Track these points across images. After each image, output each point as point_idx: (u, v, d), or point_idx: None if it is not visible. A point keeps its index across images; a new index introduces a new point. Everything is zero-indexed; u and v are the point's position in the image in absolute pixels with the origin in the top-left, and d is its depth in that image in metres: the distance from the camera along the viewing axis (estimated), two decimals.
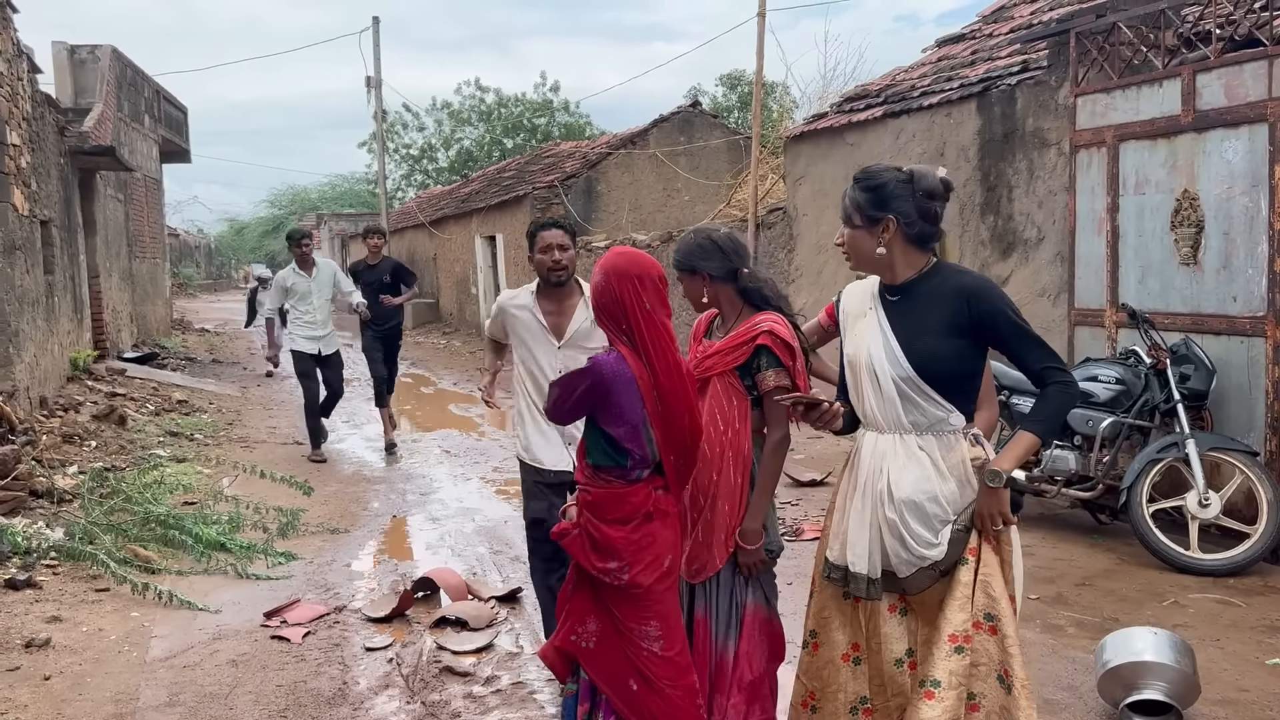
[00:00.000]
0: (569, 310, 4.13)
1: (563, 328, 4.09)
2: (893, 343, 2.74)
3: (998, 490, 2.69)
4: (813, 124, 9.80)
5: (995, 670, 2.75)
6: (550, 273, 4.05)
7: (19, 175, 9.05)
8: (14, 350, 8.54)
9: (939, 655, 2.72)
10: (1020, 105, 7.34)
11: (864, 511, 2.80)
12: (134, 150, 18.10)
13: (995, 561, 2.78)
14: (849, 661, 2.92)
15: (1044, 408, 2.73)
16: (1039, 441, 2.74)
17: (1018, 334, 2.72)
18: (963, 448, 2.75)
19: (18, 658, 4.61)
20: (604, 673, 3.01)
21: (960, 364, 2.72)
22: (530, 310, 4.13)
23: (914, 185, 2.76)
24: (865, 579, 2.79)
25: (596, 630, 3.02)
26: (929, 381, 2.70)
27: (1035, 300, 7.28)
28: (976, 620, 2.75)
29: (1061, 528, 6.43)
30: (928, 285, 2.77)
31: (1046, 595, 5.21)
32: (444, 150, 39.88)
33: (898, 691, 2.87)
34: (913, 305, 2.76)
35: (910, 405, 2.73)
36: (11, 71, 9.07)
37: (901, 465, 2.74)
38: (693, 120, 17.92)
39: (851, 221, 2.80)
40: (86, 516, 6.52)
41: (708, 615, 3.21)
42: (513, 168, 22.49)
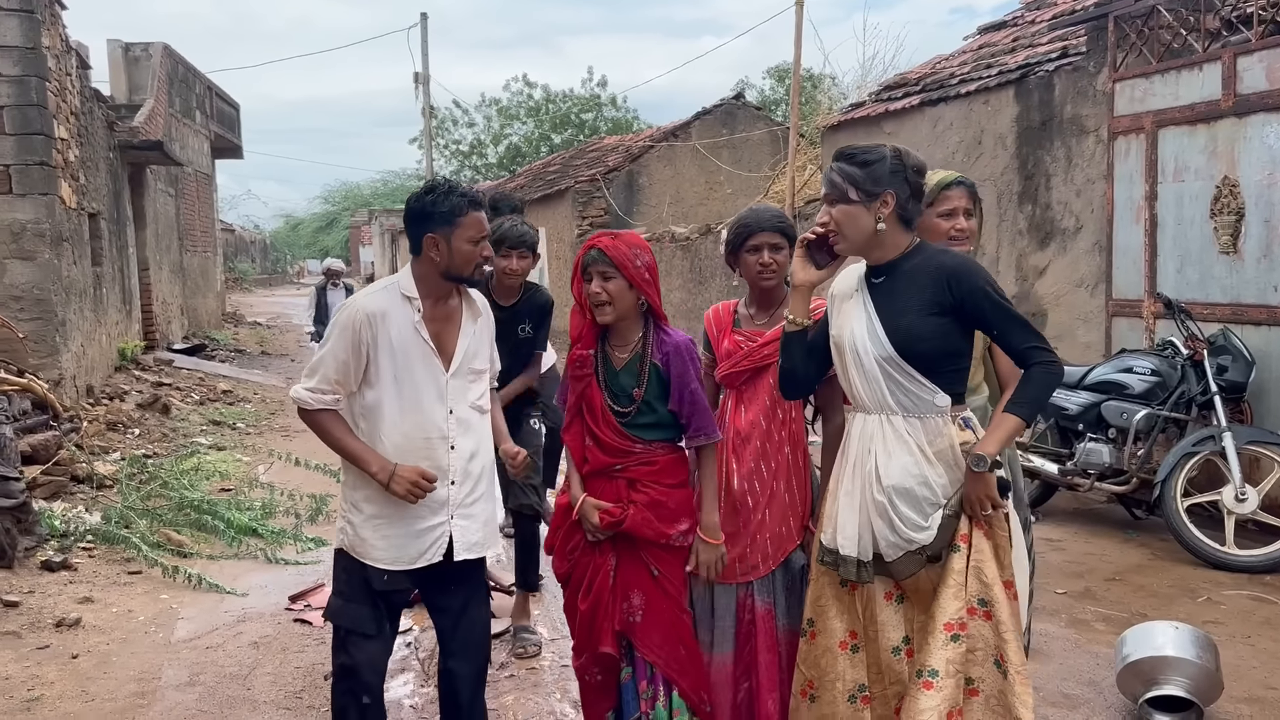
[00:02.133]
0: (453, 319, 3.07)
1: (447, 344, 3.02)
2: (875, 323, 2.71)
3: (983, 475, 2.64)
4: (850, 114, 9.71)
5: (992, 655, 2.71)
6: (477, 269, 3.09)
7: (67, 168, 9.25)
8: (60, 339, 8.73)
9: (935, 644, 2.67)
10: (1058, 92, 7.20)
11: (853, 494, 2.76)
12: (185, 145, 18.43)
13: (987, 547, 2.73)
14: (847, 650, 2.88)
15: (1027, 389, 2.67)
16: (1023, 424, 2.68)
17: (1000, 313, 2.67)
18: (951, 431, 2.70)
19: (48, 636, 4.71)
20: (656, 642, 3.03)
21: (943, 343, 2.67)
22: (413, 327, 2.96)
23: (904, 161, 2.72)
24: (855, 562, 2.75)
25: (642, 603, 3.05)
26: (910, 361, 2.66)
27: (1073, 291, 7.15)
28: (971, 606, 2.70)
29: (1096, 522, 6.31)
30: (910, 265, 2.73)
31: (1074, 590, 5.12)
32: (493, 146, 40.09)
33: (895, 679, 2.83)
34: (896, 285, 2.72)
35: (894, 386, 2.69)
36: (60, 67, 9.26)
37: (889, 449, 2.70)
38: (735, 113, 17.83)
39: (846, 197, 2.69)
40: (123, 501, 6.65)
41: (773, 606, 3.12)
42: (557, 162, 22.57)
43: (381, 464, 2.90)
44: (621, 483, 3.04)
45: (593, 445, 3.07)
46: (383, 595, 3.01)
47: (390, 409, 2.94)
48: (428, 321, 2.98)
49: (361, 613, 3.00)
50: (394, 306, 2.95)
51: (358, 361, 2.91)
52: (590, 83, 38.94)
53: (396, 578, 2.99)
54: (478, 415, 3.08)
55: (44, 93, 8.53)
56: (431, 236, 2.92)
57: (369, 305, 2.94)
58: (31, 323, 8.47)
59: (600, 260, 2.95)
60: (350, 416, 2.98)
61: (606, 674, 3.11)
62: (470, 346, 3.06)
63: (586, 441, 3.09)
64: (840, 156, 2.75)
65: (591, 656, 3.11)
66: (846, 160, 2.72)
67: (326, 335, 2.99)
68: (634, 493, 3.02)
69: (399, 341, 2.93)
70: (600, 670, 3.11)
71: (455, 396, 3.01)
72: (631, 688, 3.09)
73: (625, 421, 3.02)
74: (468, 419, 3.04)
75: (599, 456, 3.06)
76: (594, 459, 3.07)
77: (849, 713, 2.88)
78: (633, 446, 3.02)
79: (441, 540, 3.00)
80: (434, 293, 3.00)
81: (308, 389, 2.91)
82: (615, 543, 3.06)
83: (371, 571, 2.98)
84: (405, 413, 2.95)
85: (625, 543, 3.05)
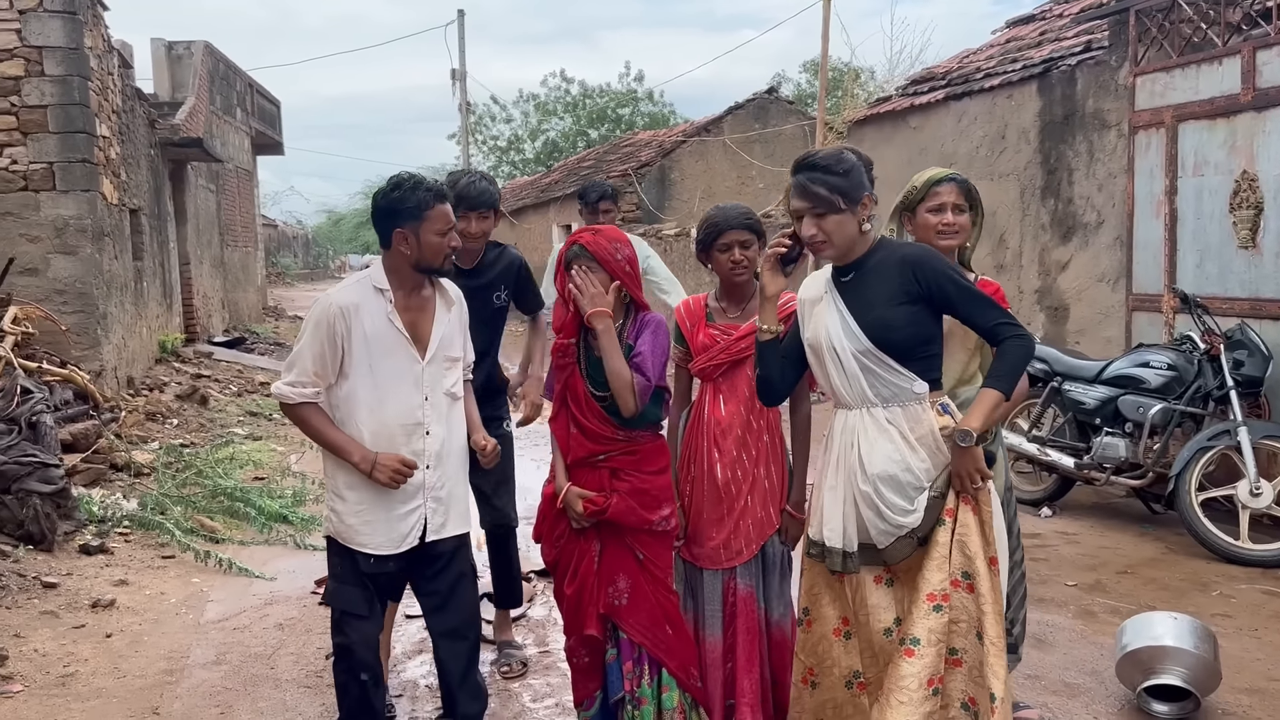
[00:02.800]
0: (427, 308, 3.16)
1: (422, 333, 3.12)
2: (849, 319, 2.79)
3: (970, 449, 2.71)
4: (875, 108, 9.73)
5: (974, 627, 2.79)
6: (446, 260, 3.15)
7: (108, 165, 9.50)
8: (102, 332, 8.98)
9: (918, 614, 2.76)
10: (1080, 86, 7.20)
11: (837, 487, 2.85)
12: (225, 142, 18.77)
13: (972, 521, 2.81)
14: (840, 636, 2.97)
15: (1003, 363, 2.74)
16: (1003, 397, 2.74)
17: (965, 295, 2.76)
18: (930, 417, 2.78)
19: (84, 616, 4.91)
20: (641, 624, 3.15)
21: (915, 330, 2.76)
22: (386, 318, 3.05)
23: (865, 163, 2.83)
24: (840, 553, 2.84)
25: (627, 586, 3.16)
26: (886, 351, 2.75)
27: (1094, 285, 7.15)
28: (954, 578, 2.78)
29: (1112, 516, 6.32)
30: (875, 260, 2.82)
31: (1085, 582, 5.15)
32: (530, 142, 40.30)
33: (889, 660, 2.91)
34: (864, 281, 2.81)
35: (873, 378, 2.78)
36: (102, 67, 9.52)
37: (872, 440, 2.78)
38: (768, 107, 17.84)
39: (835, 207, 2.75)
40: (159, 489, 6.87)
41: (754, 590, 3.25)
42: (592, 157, 22.69)
43: (363, 454, 3.02)
44: (605, 472, 3.15)
45: (577, 433, 3.18)
46: (371, 577, 3.15)
47: (366, 397, 3.05)
48: (401, 312, 3.08)
49: (354, 595, 3.15)
50: (366, 299, 3.05)
51: (334, 353, 3.02)
52: (627, 77, 39.05)
53: (382, 561, 3.13)
54: (451, 402, 3.20)
55: (86, 92, 8.78)
56: (400, 231, 3.03)
57: (341, 299, 3.04)
58: (74, 315, 8.73)
59: (582, 255, 3.10)
60: (328, 407, 3.09)
61: (593, 654, 3.24)
62: (445, 334, 3.16)
63: (571, 429, 3.19)
64: (812, 167, 2.77)
65: (579, 638, 3.24)
66: (824, 172, 2.76)
67: (302, 330, 3.10)
68: (617, 481, 3.14)
69: (373, 332, 3.03)
70: (588, 652, 3.25)
71: (430, 384, 3.12)
72: (616, 668, 3.21)
73: (607, 406, 3.12)
74: (441, 406, 3.16)
75: (583, 444, 3.16)
76: (578, 446, 3.17)
77: (847, 698, 2.97)
78: (616, 434, 3.13)
79: (417, 525, 3.13)
80: (406, 284, 3.10)
81: (288, 384, 3.04)
82: (600, 529, 3.18)
83: (359, 555, 3.12)
84: (381, 401, 3.06)
85: (610, 529, 3.17)
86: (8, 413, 6.07)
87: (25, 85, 8.59)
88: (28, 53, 8.57)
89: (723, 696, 3.24)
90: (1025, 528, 6.13)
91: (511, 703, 3.98)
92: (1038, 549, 5.70)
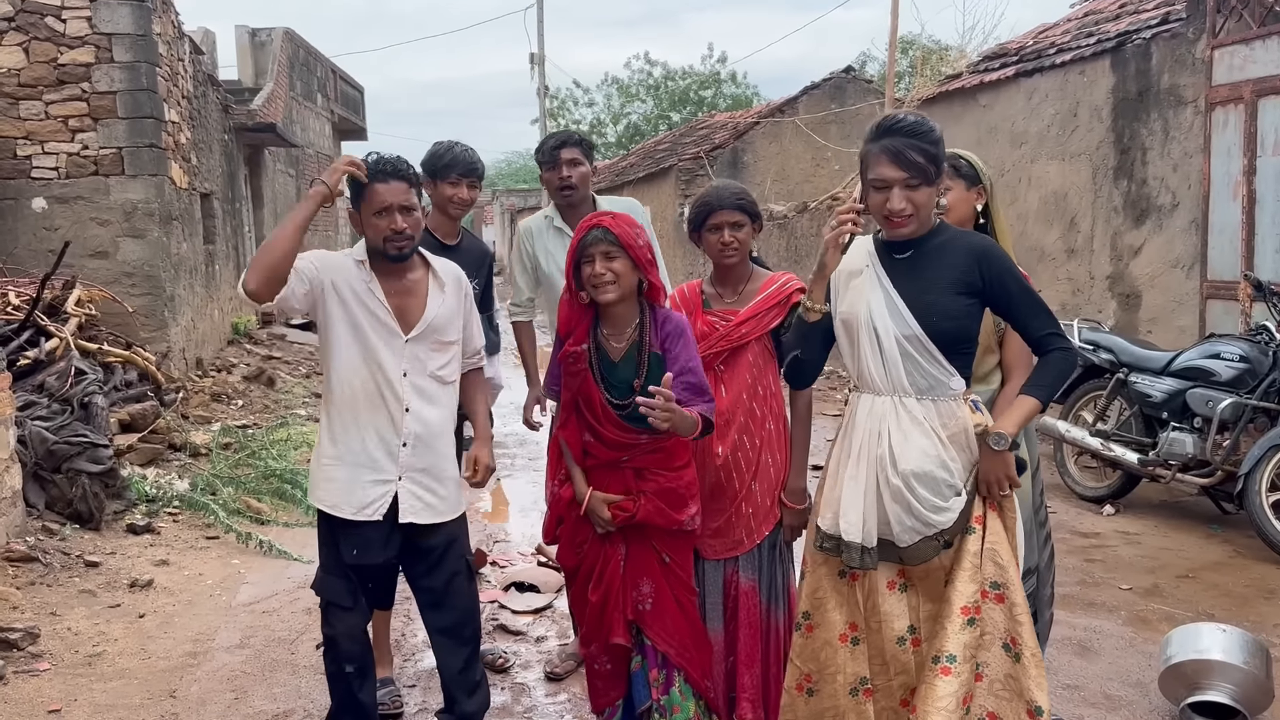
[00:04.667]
0: (417, 290, 3.07)
1: (411, 314, 3.04)
2: (896, 300, 2.61)
3: (1003, 454, 2.56)
4: (944, 85, 9.40)
5: (1001, 639, 2.62)
6: (388, 243, 2.97)
7: (178, 150, 9.69)
8: (169, 314, 9.18)
9: (952, 629, 2.59)
10: (1156, 60, 6.81)
11: (859, 477, 2.68)
12: (305, 128, 19.08)
13: (1000, 528, 2.64)
14: (847, 642, 2.81)
15: (1045, 373, 2.60)
16: (1040, 406, 2.61)
17: (1027, 299, 2.60)
18: (964, 414, 2.61)
19: (121, 596, 4.98)
20: (666, 630, 3.01)
21: (965, 324, 2.59)
22: (367, 287, 3.00)
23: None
24: (859, 548, 2.67)
25: (652, 591, 3.02)
26: (934, 340, 2.57)
27: (1168, 272, 6.78)
28: (984, 589, 2.62)
29: (1179, 515, 5.99)
30: (937, 241, 2.63)
31: (1141, 586, 4.87)
32: (612, 125, 40.26)
33: (901, 670, 2.75)
34: (921, 262, 2.62)
35: (913, 365, 2.60)
36: (172, 53, 9.70)
37: (904, 431, 2.61)
38: (845, 86, 17.42)
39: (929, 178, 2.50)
40: (211, 469, 6.97)
41: (758, 583, 3.13)
42: (667, 140, 22.50)
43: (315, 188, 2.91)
44: (629, 472, 2.97)
45: (594, 441, 2.98)
46: (354, 569, 3.07)
47: (349, 355, 2.99)
48: (389, 293, 3.01)
49: (337, 585, 3.09)
50: (348, 266, 3.02)
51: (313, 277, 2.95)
52: (710, 59, 38.71)
53: (366, 551, 3.04)
54: (438, 386, 3.10)
55: (154, 78, 8.95)
56: (351, 211, 2.99)
57: (331, 256, 3.05)
58: (142, 298, 8.93)
59: (604, 239, 2.83)
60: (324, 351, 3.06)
61: (617, 663, 3.09)
62: (438, 316, 3.05)
63: (586, 437, 3.00)
64: (908, 132, 2.51)
65: (601, 646, 3.08)
66: (921, 138, 2.51)
67: None
68: (642, 482, 2.95)
69: (348, 294, 2.98)
70: (610, 659, 3.09)
71: (412, 362, 3.02)
72: (642, 676, 3.05)
73: (626, 414, 2.90)
74: (425, 387, 3.06)
75: (603, 452, 2.97)
76: (598, 454, 2.98)
77: (851, 705, 2.81)
78: (638, 438, 2.93)
79: (383, 499, 3.03)
80: (381, 264, 3.02)
81: None
82: (625, 532, 3.00)
83: (342, 545, 3.04)
84: (360, 364, 2.99)
85: (635, 531, 2.99)
86: (61, 393, 6.21)
87: (95, 72, 8.80)
88: (98, 40, 8.77)
89: (724, 690, 3.13)
90: (1085, 526, 5.88)
91: (523, 697, 3.91)
92: (1094, 549, 5.42)
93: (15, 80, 8.72)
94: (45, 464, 5.76)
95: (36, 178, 8.84)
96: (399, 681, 3.98)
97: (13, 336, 6.57)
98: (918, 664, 2.72)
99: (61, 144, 8.85)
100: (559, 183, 3.92)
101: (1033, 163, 8.09)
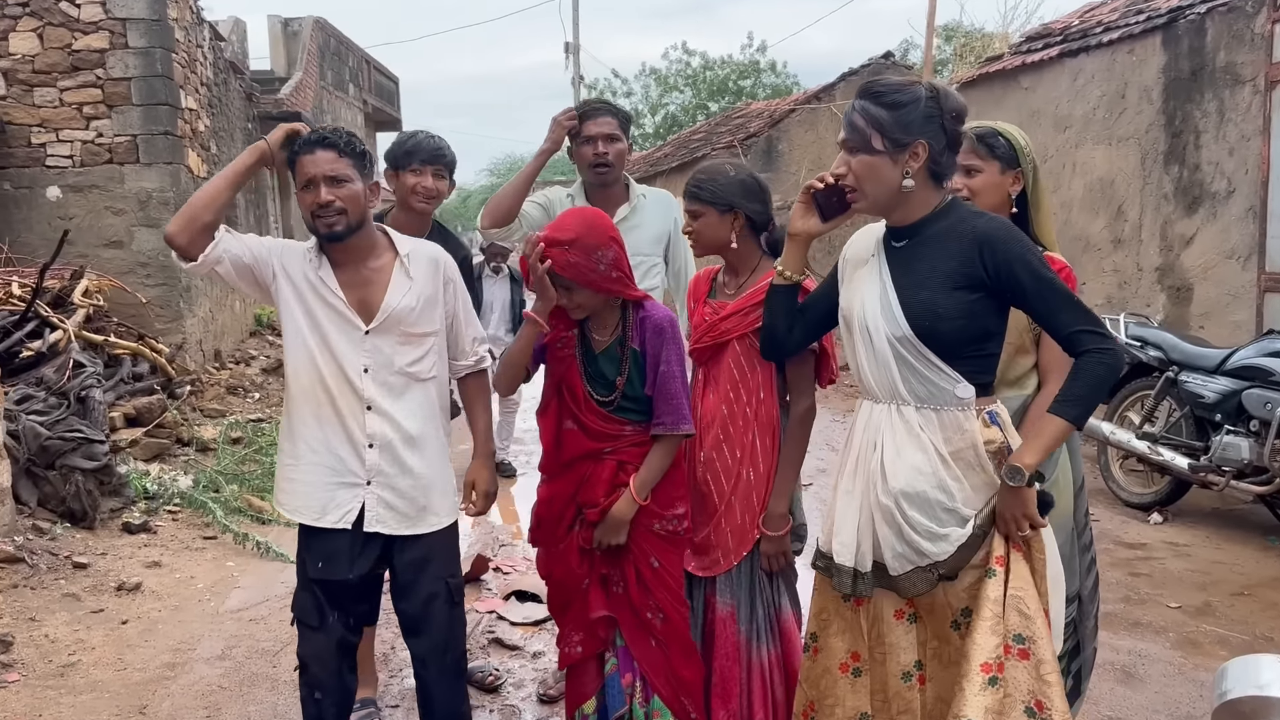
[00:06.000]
0: (378, 278, 2.77)
1: (372, 303, 2.74)
2: (890, 295, 2.27)
3: (1020, 490, 2.19)
4: (984, 68, 8.98)
5: (1024, 701, 2.26)
6: (317, 219, 2.66)
7: (195, 138, 9.50)
8: (185, 304, 9.00)
9: (972, 689, 2.23)
10: (1210, 37, 6.37)
11: (853, 493, 2.36)
12: (336, 117, 18.93)
13: (1026, 572, 2.28)
14: (848, 672, 2.49)
15: (1075, 385, 2.18)
16: (1070, 428, 2.20)
17: (1043, 288, 2.18)
18: (974, 428, 2.25)
19: (106, 600, 4.76)
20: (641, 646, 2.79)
21: (969, 323, 2.21)
22: (317, 274, 2.72)
23: (941, 104, 2.25)
24: (851, 572, 2.35)
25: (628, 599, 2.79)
26: (928, 342, 2.22)
27: (1223, 263, 6.34)
28: (1006, 643, 2.26)
29: (1234, 526, 5.59)
30: (938, 228, 2.27)
31: (1191, 605, 4.49)
32: (650, 116, 39.90)
33: (904, 709, 2.43)
34: (918, 252, 2.27)
35: (908, 370, 2.25)
36: (190, 39, 9.51)
37: (898, 445, 2.27)
38: (883, 73, 16.87)
39: (869, 145, 2.22)
40: (216, 465, 6.76)
41: (735, 611, 2.84)
42: (703, 130, 22.13)
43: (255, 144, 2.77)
44: (611, 464, 2.75)
45: (575, 429, 2.77)
46: (319, 583, 2.78)
47: (304, 345, 2.73)
48: (347, 281, 2.73)
49: (305, 602, 2.81)
50: (300, 252, 2.77)
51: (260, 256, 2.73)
52: (749, 48, 38.20)
53: (331, 564, 2.75)
54: (411, 383, 2.79)
55: (170, 64, 8.76)
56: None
57: (290, 242, 2.82)
58: (157, 289, 8.76)
59: (559, 283, 2.65)
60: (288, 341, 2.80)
61: (587, 644, 2.83)
62: (401, 305, 2.75)
63: (568, 425, 2.78)
64: (865, 94, 2.25)
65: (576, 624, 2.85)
66: (873, 99, 2.23)
67: None
68: (624, 475, 2.73)
69: (301, 282, 2.73)
70: (583, 641, 2.83)
71: (374, 355, 2.73)
72: (615, 681, 2.83)
73: (610, 409, 2.74)
74: (391, 384, 2.76)
75: (583, 441, 2.76)
76: (575, 444, 2.77)
77: None
78: (622, 429, 2.74)
79: (350, 505, 2.74)
80: (339, 248, 2.74)
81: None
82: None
83: (308, 559, 2.77)
84: (315, 355, 2.72)
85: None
86: (59, 386, 6.02)
87: (110, 58, 8.63)
88: (112, 25, 8.60)
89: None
90: (1130, 535, 5.49)
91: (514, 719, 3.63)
92: (1140, 562, 5.04)
93: (30, 66, 8.58)
94: (39, 460, 5.57)
95: (51, 166, 8.68)
96: (382, 701, 3.71)
97: (12, 329, 6.38)
98: (923, 704, 2.40)
99: (76, 131, 8.68)
100: (593, 158, 3.54)
101: (1077, 148, 7.66)
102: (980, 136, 2.77)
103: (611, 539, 2.74)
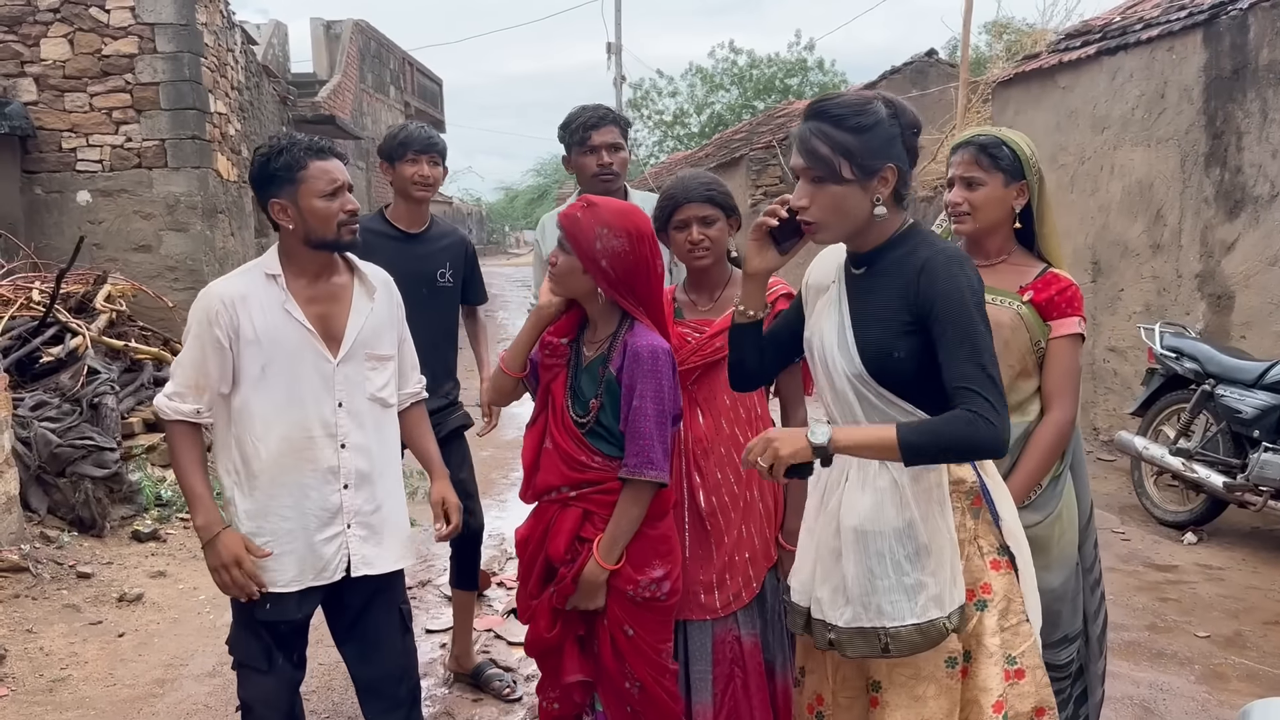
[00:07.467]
0: (343, 294, 2.62)
1: (334, 330, 2.59)
2: (847, 332, 2.08)
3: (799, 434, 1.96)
4: (1021, 66, 8.70)
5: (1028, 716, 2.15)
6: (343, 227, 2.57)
7: (224, 142, 9.53)
8: None
9: None
10: (1254, 33, 6.08)
11: (814, 530, 2.20)
12: (377, 120, 18.99)
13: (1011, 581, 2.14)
14: (813, 715, 2.34)
15: (934, 424, 1.93)
16: (894, 443, 1.91)
17: (960, 327, 1.93)
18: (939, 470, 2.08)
19: (106, 611, 4.73)
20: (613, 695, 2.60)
21: (924, 361, 2.00)
22: (282, 306, 2.53)
23: (900, 120, 2.06)
24: (804, 614, 2.19)
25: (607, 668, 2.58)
26: (882, 380, 2.03)
27: (1265, 271, 6.05)
28: (1005, 670, 2.12)
29: (1271, 548, 5.33)
30: (893, 257, 2.06)
31: (1221, 634, 4.26)
32: (696, 115, 39.63)
33: None
34: (875, 283, 2.08)
35: (868, 407, 2.07)
36: (220, 43, 9.54)
37: (857, 483, 2.11)
38: (927, 70, 16.63)
39: (837, 174, 1.99)
40: None
41: (758, 638, 2.70)
42: (744, 130, 21.90)
43: (208, 519, 2.51)
44: (576, 513, 2.53)
45: (550, 450, 2.58)
46: (266, 626, 2.63)
47: (262, 408, 2.50)
48: (305, 303, 2.55)
49: (251, 645, 2.66)
50: (256, 288, 2.52)
51: (220, 358, 2.49)
52: (797, 46, 37.79)
53: (281, 607, 2.60)
54: (379, 409, 2.67)
55: (198, 68, 8.78)
56: (277, 202, 2.51)
57: (224, 290, 2.52)
58: (184, 292, 8.77)
59: (562, 236, 2.50)
60: (226, 421, 2.57)
61: (564, 702, 2.64)
62: (366, 328, 2.61)
63: (547, 445, 2.60)
64: (823, 116, 2.01)
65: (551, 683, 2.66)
66: (834, 123, 1.99)
67: (185, 332, 2.59)
68: (589, 528, 2.52)
69: (264, 328, 2.50)
70: (558, 698, 2.65)
71: (346, 386, 2.58)
72: None
73: (584, 431, 2.53)
74: (363, 413, 2.62)
75: (555, 466, 2.55)
76: (548, 469, 2.57)
77: None
78: (591, 460, 2.51)
79: (338, 560, 2.61)
80: (308, 269, 2.57)
81: (166, 394, 2.53)
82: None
83: (254, 602, 2.59)
84: (281, 409, 2.51)
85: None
86: (72, 393, 6.02)
87: (138, 63, 8.66)
88: (141, 30, 8.62)
89: None
90: (1162, 556, 5.25)
91: None
92: (1169, 585, 4.80)
93: (60, 72, 8.64)
94: (49, 467, 5.56)
95: (81, 170, 8.74)
96: None
97: (29, 337, 6.40)
98: None
99: (105, 136, 8.73)
100: (598, 168, 3.46)
101: (1115, 149, 7.38)
102: (983, 146, 2.57)
103: (587, 604, 2.50)
